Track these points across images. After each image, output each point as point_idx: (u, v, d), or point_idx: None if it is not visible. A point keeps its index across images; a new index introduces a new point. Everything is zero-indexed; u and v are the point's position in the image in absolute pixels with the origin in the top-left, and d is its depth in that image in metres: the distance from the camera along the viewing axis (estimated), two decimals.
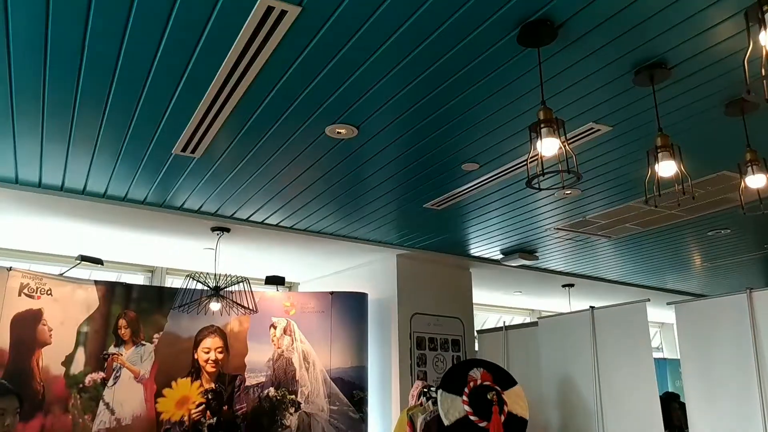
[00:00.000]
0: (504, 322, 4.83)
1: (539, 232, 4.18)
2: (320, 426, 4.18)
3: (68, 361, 3.73)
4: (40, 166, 3.02)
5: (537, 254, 4.72)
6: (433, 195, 3.45)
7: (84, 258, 3.78)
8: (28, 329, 3.58)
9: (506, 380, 3.38)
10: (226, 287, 3.81)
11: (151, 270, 5.04)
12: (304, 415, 4.19)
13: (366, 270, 4.91)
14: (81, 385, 3.74)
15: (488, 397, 3.20)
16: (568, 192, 3.38)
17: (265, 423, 4.14)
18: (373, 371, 4.51)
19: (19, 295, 3.58)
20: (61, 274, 3.83)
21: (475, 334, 4.96)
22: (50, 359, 3.65)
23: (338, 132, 2.63)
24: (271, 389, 4.21)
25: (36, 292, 3.66)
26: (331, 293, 4.50)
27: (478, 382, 3.29)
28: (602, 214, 3.78)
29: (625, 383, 3.54)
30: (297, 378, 4.26)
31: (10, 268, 3.57)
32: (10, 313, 3.52)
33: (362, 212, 3.75)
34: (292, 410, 4.19)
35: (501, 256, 4.75)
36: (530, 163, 1.94)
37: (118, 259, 4.68)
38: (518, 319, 6.95)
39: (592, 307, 3.88)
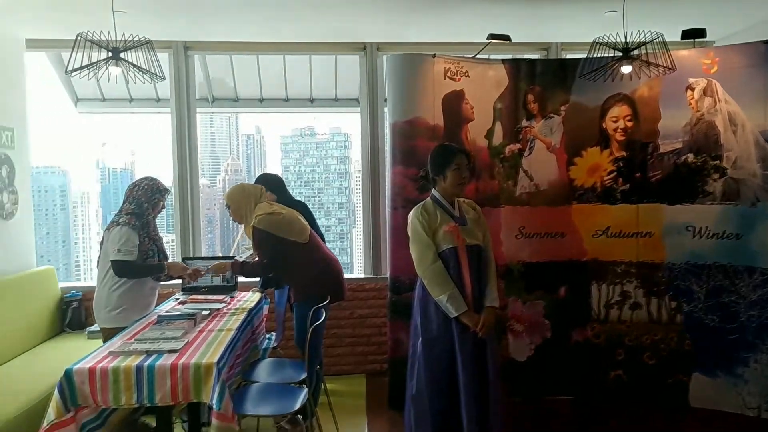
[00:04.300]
0: None
1: None
2: (751, 191, 3.77)
3: (489, 135, 4.16)
4: None
5: None
6: None
7: (493, 36, 3.97)
8: (455, 107, 4.08)
9: None
10: (636, 47, 3.52)
11: (546, 47, 5.03)
12: (730, 180, 3.83)
13: None
14: (502, 156, 4.17)
15: None
16: None
17: (683, 189, 3.95)
18: None
19: (444, 78, 4.05)
20: (473, 56, 4.15)
21: None
22: (475, 133, 4.14)
23: None
24: (690, 155, 3.93)
25: (456, 75, 4.08)
26: (765, 42, 3.73)
27: None
28: None
29: None
30: (721, 142, 3.84)
31: (434, 55, 4.02)
32: (439, 95, 4.04)
33: None
34: (716, 176, 3.86)
35: None
36: None
37: (514, 40, 4.79)
38: None
39: None
